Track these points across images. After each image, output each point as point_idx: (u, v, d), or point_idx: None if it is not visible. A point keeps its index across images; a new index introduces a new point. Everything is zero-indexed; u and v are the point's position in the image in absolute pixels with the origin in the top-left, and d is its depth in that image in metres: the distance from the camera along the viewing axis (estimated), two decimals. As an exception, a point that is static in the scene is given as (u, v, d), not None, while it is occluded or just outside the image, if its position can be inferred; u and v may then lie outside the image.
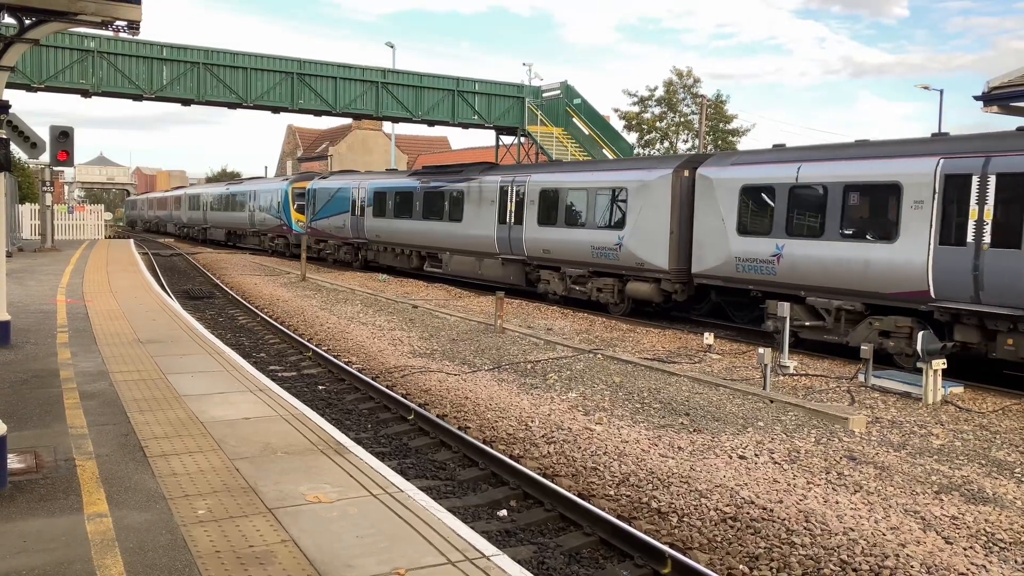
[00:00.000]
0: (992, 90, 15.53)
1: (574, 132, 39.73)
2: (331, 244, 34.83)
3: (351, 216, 32.10)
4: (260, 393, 8.96)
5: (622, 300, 19.76)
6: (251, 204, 44.31)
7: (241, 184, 49.13)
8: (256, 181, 48.61)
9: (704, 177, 17.25)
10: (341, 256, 34.10)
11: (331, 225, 34.00)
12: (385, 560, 4.77)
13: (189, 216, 58.60)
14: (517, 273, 23.25)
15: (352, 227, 32.24)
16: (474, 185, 25.03)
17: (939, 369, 11.59)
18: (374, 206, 30.61)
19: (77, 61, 32.34)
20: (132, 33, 8.14)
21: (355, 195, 32.04)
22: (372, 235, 30.97)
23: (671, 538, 6.98)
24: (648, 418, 10.57)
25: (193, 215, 57.54)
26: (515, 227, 22.86)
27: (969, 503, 7.69)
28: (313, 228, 35.68)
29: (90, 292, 18.17)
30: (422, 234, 27.68)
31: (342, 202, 33.00)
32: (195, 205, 56.63)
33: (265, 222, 42.22)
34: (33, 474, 6.08)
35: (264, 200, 42.27)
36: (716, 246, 16.68)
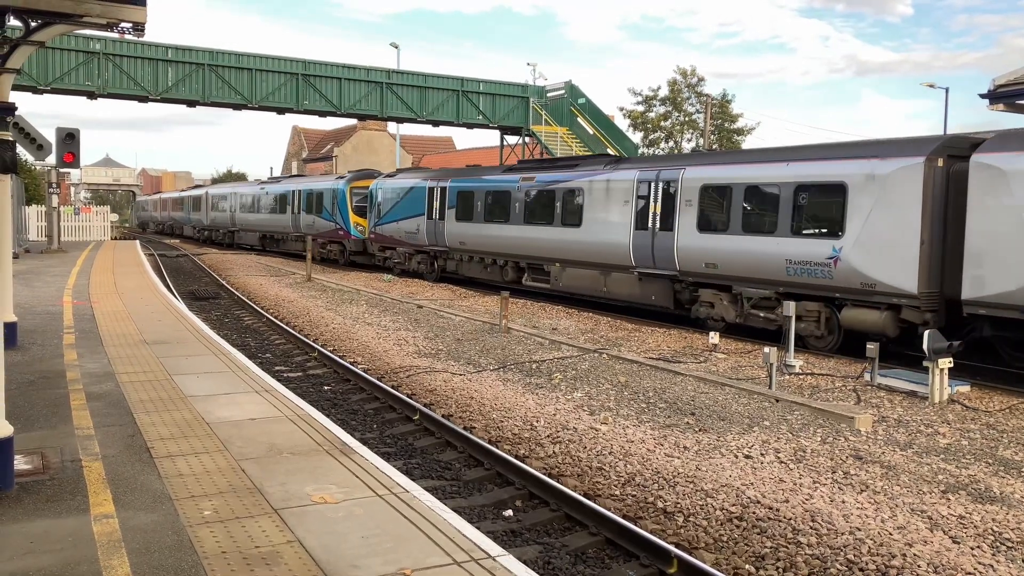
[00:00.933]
0: (998, 88, 15.48)
1: (578, 132, 39.74)
2: (400, 252, 29.88)
3: (426, 220, 27.45)
4: (266, 394, 8.97)
5: (830, 331, 15.12)
6: (295, 205, 38.99)
7: (280, 183, 43.25)
8: (300, 179, 43.19)
9: (989, 167, 12.54)
10: (413, 266, 29.16)
11: (400, 230, 29.19)
12: (391, 560, 4.78)
13: (213, 218, 53.04)
14: (662, 292, 18.41)
15: (428, 233, 27.46)
16: (598, 181, 20.32)
17: (945, 368, 11.56)
18: (457, 208, 25.88)
19: (83, 63, 32.44)
20: (137, 35, 8.15)
21: (432, 195, 27.31)
22: (454, 242, 26.05)
23: (677, 538, 6.97)
24: (654, 418, 10.55)
25: (218, 217, 52.02)
26: (662, 234, 18.08)
27: (976, 502, 7.67)
28: (377, 233, 31.05)
29: (96, 293, 18.21)
30: (523, 242, 22.89)
31: (415, 203, 28.31)
32: (221, 206, 51.33)
33: (314, 226, 36.56)
34: (40, 475, 6.10)
35: (313, 201, 36.85)
36: (1016, 263, 12.16)
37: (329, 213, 35.10)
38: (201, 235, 57.09)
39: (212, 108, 36.66)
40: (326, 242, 35.93)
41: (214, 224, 53.10)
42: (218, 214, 51.77)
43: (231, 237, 49.30)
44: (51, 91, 32.46)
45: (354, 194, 33.67)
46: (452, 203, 26.29)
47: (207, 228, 55.34)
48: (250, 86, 35.37)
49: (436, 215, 27.09)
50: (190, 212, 59.93)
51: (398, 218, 29.45)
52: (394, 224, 29.75)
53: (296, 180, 42.66)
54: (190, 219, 60.36)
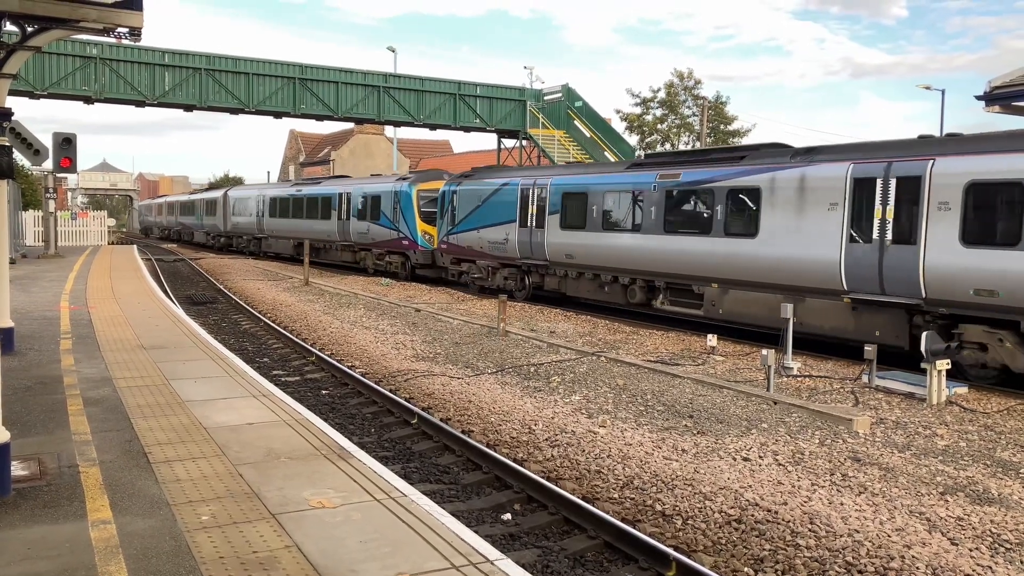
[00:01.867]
0: (994, 90, 15.53)
1: (576, 135, 39.75)
2: (480, 266, 25.18)
3: (518, 228, 22.89)
4: (263, 398, 8.96)
5: None
6: (343, 209, 34.01)
7: (322, 184, 38.21)
8: (348, 180, 37.90)
9: None
10: (497, 282, 24.34)
11: (482, 240, 24.59)
12: (389, 565, 4.77)
13: (235, 223, 47.71)
14: (891, 326, 13.84)
15: (520, 243, 22.92)
16: (786, 178, 15.64)
17: (943, 370, 11.57)
18: (563, 213, 21.28)
19: (80, 68, 32.42)
20: (134, 40, 8.15)
21: (527, 198, 22.80)
22: (557, 255, 21.50)
23: (676, 541, 6.96)
24: (652, 420, 10.55)
25: (242, 222, 46.57)
26: (896, 248, 13.52)
27: (974, 504, 7.67)
28: (450, 243, 26.35)
29: (93, 298, 18.19)
30: (661, 256, 18.09)
31: (502, 208, 23.71)
32: (244, 209, 45.84)
33: (369, 234, 31.80)
34: (37, 481, 6.08)
35: (368, 205, 31.98)
36: None
37: (389, 219, 30.37)
38: (216, 242, 52.33)
39: (209, 112, 36.66)
40: (384, 253, 31.33)
41: (236, 230, 47.78)
42: (242, 219, 46.55)
43: (257, 245, 44.16)
44: (48, 96, 32.43)
45: (421, 197, 29.14)
46: (555, 207, 21.57)
47: (226, 235, 50.18)
48: (247, 90, 35.36)
49: (532, 222, 22.36)
50: (203, 216, 55.08)
51: (479, 225, 24.80)
52: (473, 233, 25.07)
53: (343, 181, 37.75)
54: (203, 224, 55.66)
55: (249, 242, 45.69)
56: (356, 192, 33.36)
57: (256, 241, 44.45)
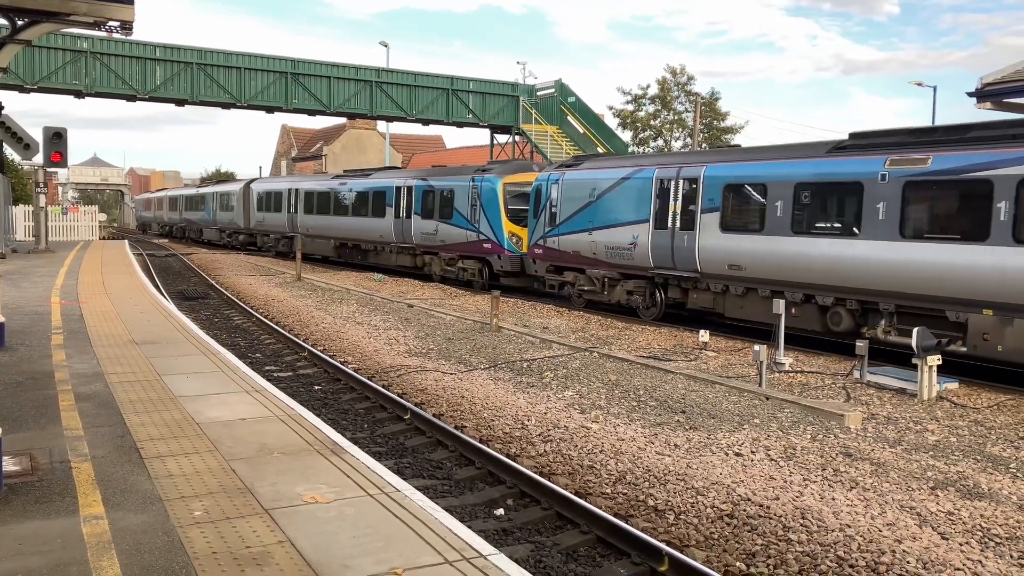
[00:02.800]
0: (985, 86, 15.59)
1: (568, 130, 39.78)
2: (592, 276, 20.25)
3: (652, 229, 18.22)
4: (256, 394, 8.94)
5: None
6: (400, 206, 29.05)
7: (371, 176, 32.57)
8: (408, 172, 32.49)
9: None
10: (618, 297, 19.60)
11: (597, 244, 19.78)
12: (382, 560, 4.77)
13: (260, 220, 42.53)
14: None
15: (656, 248, 18.06)
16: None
17: (934, 365, 11.62)
18: (725, 211, 16.68)
19: (70, 62, 32.29)
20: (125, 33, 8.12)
21: (666, 192, 17.96)
22: (715, 264, 16.75)
23: (668, 536, 6.99)
24: (644, 416, 10.57)
25: (268, 219, 41.43)
26: None
27: (965, 498, 7.71)
28: (548, 248, 21.63)
29: (85, 293, 18.12)
30: (892, 268, 13.60)
31: (628, 204, 18.99)
32: (272, 204, 41.01)
33: (438, 235, 26.86)
34: (28, 476, 6.06)
35: (436, 201, 27.22)
36: None
37: (465, 218, 25.49)
38: (233, 241, 47.13)
39: (201, 107, 36.54)
40: (456, 257, 26.44)
41: (261, 228, 42.48)
42: (268, 215, 41.38)
43: (288, 245, 38.75)
44: (38, 90, 32.30)
45: (508, 191, 24.32)
46: (712, 203, 16.90)
47: (247, 232, 44.83)
48: (239, 85, 35.28)
49: (674, 222, 17.67)
50: (217, 212, 49.71)
51: (591, 226, 20.07)
52: (582, 235, 20.32)
53: (400, 172, 32.67)
54: (216, 220, 50.23)
55: (278, 241, 40.53)
56: (420, 185, 28.17)
57: (287, 241, 39.26)
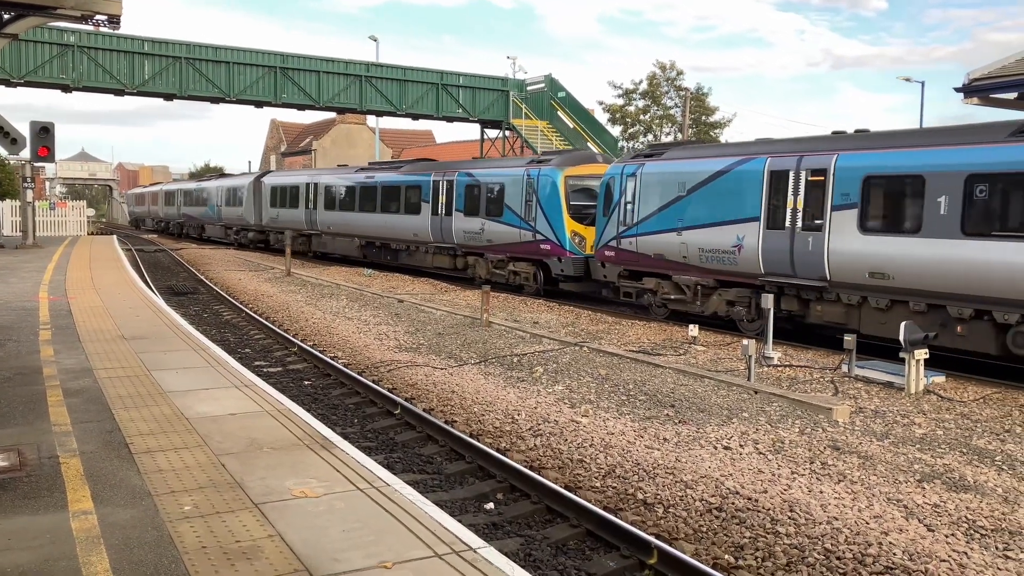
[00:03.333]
0: (972, 82, 15.66)
1: (559, 125, 39.77)
2: (682, 282, 17.52)
3: (764, 229, 15.52)
4: (245, 389, 8.93)
5: None
6: (439, 201, 26.29)
7: (403, 170, 29.67)
8: (447, 165, 28.81)
9: None
10: (711, 307, 17.04)
11: (689, 246, 17.08)
12: (372, 554, 4.78)
13: (273, 216, 39.43)
14: None
15: (768, 252, 15.44)
16: None
17: (921, 359, 11.70)
18: (865, 209, 13.91)
19: (57, 56, 32.06)
20: (112, 27, 8.08)
21: (782, 185, 15.30)
22: (850, 271, 14.03)
23: (657, 529, 7.02)
24: (634, 410, 10.61)
25: (284, 215, 38.24)
26: None
27: (951, 491, 7.78)
28: (623, 250, 18.94)
29: (73, 289, 18.04)
30: None
31: (730, 200, 16.30)
32: (286, 200, 38.05)
33: (483, 234, 24.09)
34: (16, 472, 6.04)
35: (482, 196, 24.40)
36: None
37: (517, 215, 22.78)
38: (241, 238, 44.02)
39: (189, 102, 36.36)
40: (507, 259, 23.64)
41: (275, 224, 39.31)
42: (283, 211, 38.41)
43: (306, 243, 36.37)
44: (25, 84, 32.06)
45: (570, 185, 21.76)
46: (847, 199, 14.10)
47: (258, 229, 41.77)
48: (228, 79, 35.11)
49: (795, 220, 14.96)
50: (222, 207, 46.52)
51: (681, 225, 17.38)
52: (669, 235, 17.61)
53: (434, 165, 29.40)
54: (221, 216, 46.95)
55: (294, 240, 36.53)
56: (462, 179, 25.32)
57: (305, 239, 36.47)
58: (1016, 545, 6.60)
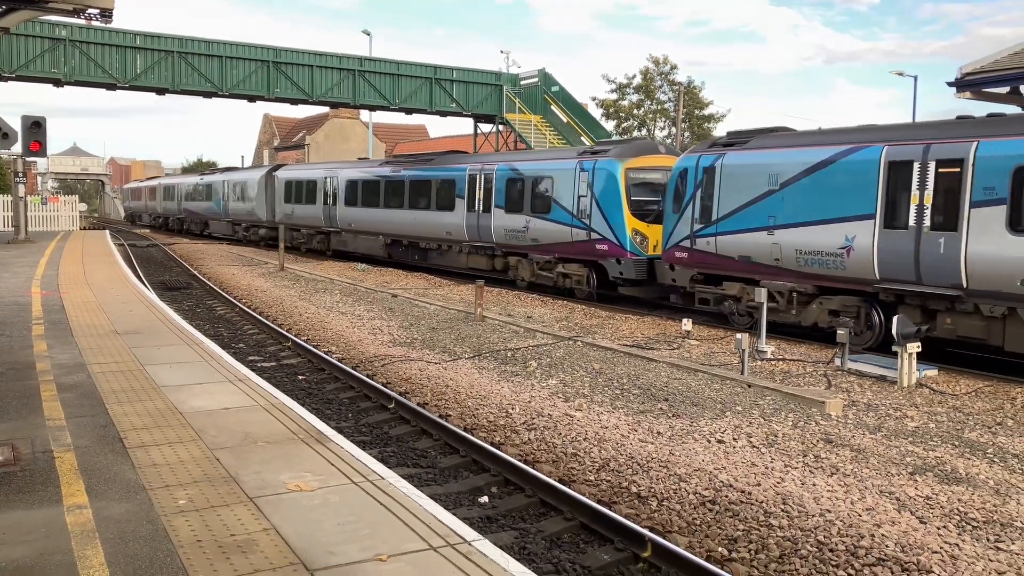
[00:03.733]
0: (965, 76, 15.69)
1: (552, 120, 39.75)
2: (773, 288, 15.23)
3: (881, 228, 13.59)
4: (239, 383, 8.93)
5: None
6: (475, 197, 24.03)
7: (434, 163, 27.47)
8: (484, 157, 27.60)
9: None
10: (810, 318, 15.04)
11: (781, 247, 15.10)
12: (367, 547, 4.80)
13: (288, 212, 37.08)
14: None
15: (885, 253, 13.51)
16: None
17: (914, 353, 11.75)
18: (1015, 206, 11.99)
19: (49, 50, 31.90)
20: (105, 21, 8.05)
21: (905, 177, 13.35)
22: (993, 279, 12.17)
23: (651, 522, 7.05)
24: (628, 404, 10.64)
25: (299, 211, 35.83)
26: None
27: (942, 483, 7.82)
28: (699, 251, 16.79)
29: (66, 284, 17.98)
30: None
31: (835, 194, 14.28)
32: (303, 195, 35.29)
33: (528, 232, 21.79)
34: (10, 467, 6.04)
35: (527, 190, 22.09)
36: None
37: (569, 211, 20.49)
38: (251, 235, 41.96)
39: (181, 96, 36.21)
40: (555, 260, 21.38)
41: (291, 221, 36.62)
42: (300, 207, 35.83)
43: (324, 242, 34.36)
44: (16, 78, 31.90)
45: (631, 178, 19.51)
46: (990, 194, 12.23)
47: (269, 226, 39.10)
48: (220, 74, 34.99)
49: (920, 218, 13.05)
50: (229, 202, 44.25)
51: (773, 223, 15.25)
52: (759, 236, 15.52)
53: (470, 158, 27.52)
54: (227, 212, 44.57)
55: (311, 237, 35.43)
56: (503, 172, 23.15)
57: (323, 237, 34.49)
58: (1007, 536, 6.65)
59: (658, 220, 18.83)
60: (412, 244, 27.97)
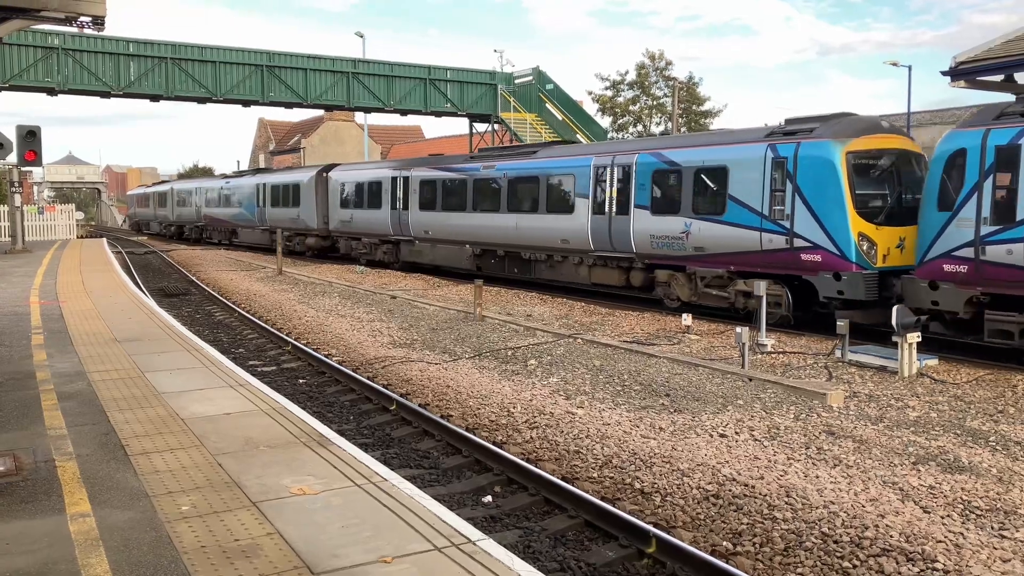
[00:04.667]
0: (959, 65, 15.66)
1: (547, 118, 39.72)
2: None
3: None
4: (240, 388, 8.92)
5: None
6: (599, 195, 19.46)
7: (537, 155, 22.62)
8: (605, 147, 22.49)
9: None
10: None
11: None
12: (371, 549, 4.79)
13: (343, 218, 32.28)
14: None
15: None
16: None
17: (914, 342, 11.75)
18: None
19: (42, 59, 31.85)
20: (97, 29, 8.03)
21: None
22: None
23: (655, 517, 7.05)
24: (629, 400, 10.63)
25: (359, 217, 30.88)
26: None
27: (945, 472, 7.82)
28: (989, 264, 12.04)
29: (64, 293, 17.96)
30: None
31: None
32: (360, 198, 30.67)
33: (689, 239, 17.13)
34: (13, 476, 6.03)
35: (680, 185, 17.61)
36: None
37: (753, 211, 15.83)
38: (296, 244, 36.16)
39: (176, 102, 36.17)
40: (728, 275, 16.64)
41: (350, 228, 31.77)
42: (361, 213, 30.66)
43: (392, 253, 29.33)
44: (9, 88, 31.85)
45: (854, 165, 14.85)
46: None
47: (321, 234, 34.35)
48: (214, 79, 34.94)
49: None
50: (266, 208, 39.02)
51: None
52: None
53: (590, 147, 22.80)
54: (264, 219, 39.22)
55: (374, 248, 30.19)
56: (649, 162, 18.33)
57: (390, 247, 29.40)
58: (1011, 524, 6.65)
59: (891, 221, 14.70)
60: (512, 255, 23.00)
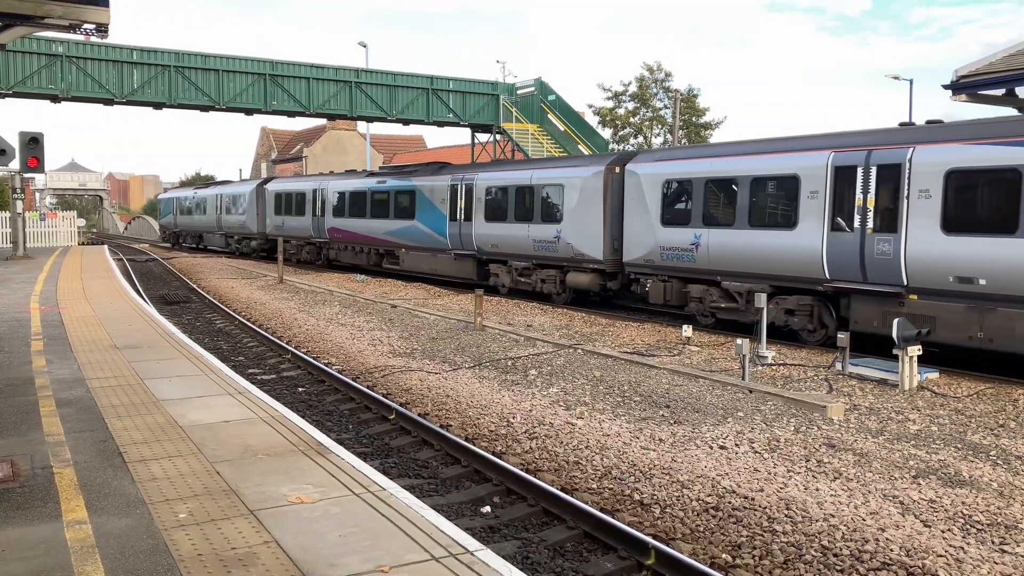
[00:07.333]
0: (960, 79, 15.71)
1: (549, 128, 39.79)
2: None
3: None
4: (239, 396, 8.90)
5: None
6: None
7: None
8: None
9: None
10: None
11: None
12: (369, 558, 4.77)
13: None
14: None
15: None
16: None
17: (915, 355, 11.73)
18: None
19: (45, 66, 31.94)
20: (101, 36, 8.06)
21: None
22: None
23: (654, 529, 7.02)
24: (629, 411, 10.61)
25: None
26: None
27: (946, 486, 7.79)
28: None
29: (65, 299, 17.96)
30: None
31: None
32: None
33: None
34: (10, 483, 6.01)
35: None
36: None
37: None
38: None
39: (179, 110, 36.24)
40: None
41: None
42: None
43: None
44: (13, 95, 31.94)
45: None
46: None
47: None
48: (217, 87, 35.02)
49: None
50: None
51: None
52: None
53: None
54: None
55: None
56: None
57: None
58: (1012, 539, 6.62)
59: None
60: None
